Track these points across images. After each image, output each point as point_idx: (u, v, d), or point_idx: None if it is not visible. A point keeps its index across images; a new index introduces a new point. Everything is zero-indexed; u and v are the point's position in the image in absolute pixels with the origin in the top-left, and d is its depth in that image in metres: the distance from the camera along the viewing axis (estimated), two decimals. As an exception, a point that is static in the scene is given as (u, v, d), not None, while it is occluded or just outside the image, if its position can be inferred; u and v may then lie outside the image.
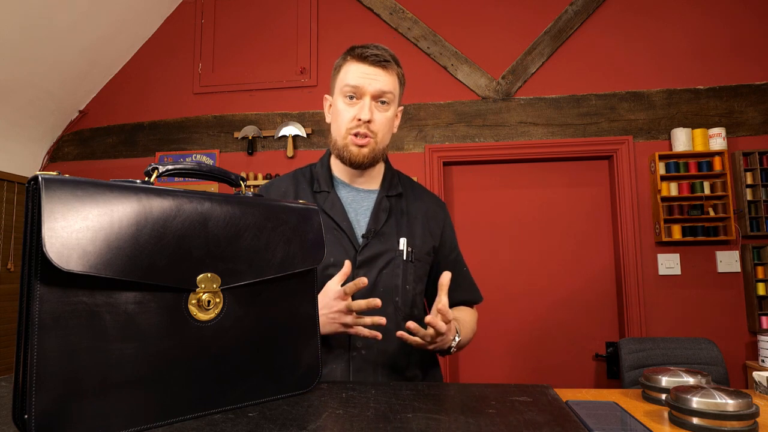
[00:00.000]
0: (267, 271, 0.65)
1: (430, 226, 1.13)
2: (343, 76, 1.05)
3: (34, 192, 0.49)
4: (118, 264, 0.51)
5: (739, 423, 0.67)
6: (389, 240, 1.06)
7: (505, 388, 0.73)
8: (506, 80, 3.02)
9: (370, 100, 1.03)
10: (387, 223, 1.07)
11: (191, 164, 0.65)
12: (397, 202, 1.12)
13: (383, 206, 1.09)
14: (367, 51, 1.03)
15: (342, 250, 1.03)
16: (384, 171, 1.15)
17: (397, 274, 1.04)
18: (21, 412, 0.47)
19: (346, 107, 1.04)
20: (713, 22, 2.89)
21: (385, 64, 1.03)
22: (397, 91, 1.07)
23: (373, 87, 1.02)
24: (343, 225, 1.05)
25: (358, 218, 1.08)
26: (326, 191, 1.09)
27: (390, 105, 1.06)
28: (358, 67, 1.03)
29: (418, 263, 1.08)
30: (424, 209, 1.15)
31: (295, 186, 1.12)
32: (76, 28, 2.96)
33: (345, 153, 1.05)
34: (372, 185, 1.13)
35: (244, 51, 3.31)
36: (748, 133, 2.79)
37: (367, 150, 1.04)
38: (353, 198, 1.11)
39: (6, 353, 2.98)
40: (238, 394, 0.62)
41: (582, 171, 3.02)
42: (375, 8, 3.17)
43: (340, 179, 1.13)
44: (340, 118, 1.05)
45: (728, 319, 2.71)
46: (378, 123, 1.04)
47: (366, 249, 1.04)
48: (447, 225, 1.18)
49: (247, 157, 3.21)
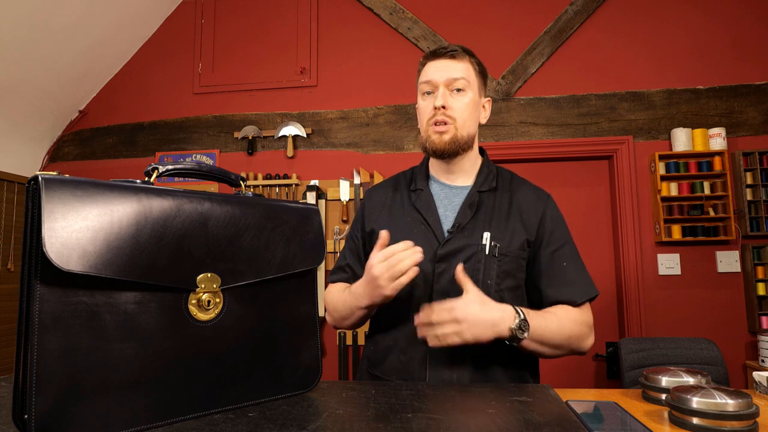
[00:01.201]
0: (267, 271, 0.65)
1: (525, 220, 1.08)
2: (420, 77, 1.11)
3: (34, 192, 0.49)
4: (118, 264, 0.51)
5: (739, 423, 0.67)
6: (474, 234, 1.04)
7: (505, 388, 0.73)
8: (506, 80, 3.02)
9: (444, 89, 1.06)
10: (474, 218, 1.07)
11: (191, 164, 0.65)
12: (490, 197, 1.10)
13: (472, 201, 1.08)
14: (438, 47, 1.09)
15: (426, 244, 1.02)
16: (480, 166, 1.15)
17: (478, 268, 1.02)
18: (21, 412, 0.47)
19: (424, 102, 1.10)
20: (713, 22, 2.89)
21: (453, 53, 1.07)
22: (472, 77, 1.08)
23: (443, 76, 1.06)
24: (430, 220, 1.07)
25: (447, 213, 1.09)
26: (420, 189, 1.13)
27: (466, 91, 1.07)
28: (430, 64, 1.09)
29: (505, 258, 1.03)
30: (519, 202, 1.10)
31: (393, 189, 1.18)
32: (76, 28, 2.96)
33: (428, 144, 1.08)
34: (466, 181, 1.13)
35: (244, 51, 3.31)
36: (748, 133, 2.79)
37: (448, 136, 1.06)
38: (446, 194, 1.12)
39: (6, 353, 2.98)
40: (238, 394, 0.62)
41: (582, 171, 3.02)
42: (375, 8, 3.17)
43: (434, 177, 1.16)
44: (421, 112, 1.11)
45: (728, 319, 2.71)
46: (455, 108, 1.06)
47: (448, 243, 1.04)
48: (548, 217, 1.10)
49: (247, 157, 3.21)
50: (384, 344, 1.06)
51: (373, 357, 1.08)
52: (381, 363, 1.05)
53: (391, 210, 1.14)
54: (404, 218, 1.10)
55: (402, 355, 1.01)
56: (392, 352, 1.04)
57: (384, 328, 1.08)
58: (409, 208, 1.12)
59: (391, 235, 1.04)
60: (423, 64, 1.12)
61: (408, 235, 1.06)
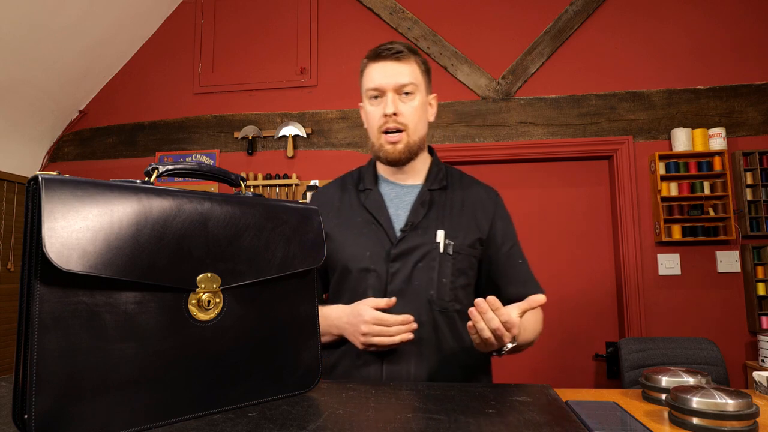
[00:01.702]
0: (267, 271, 0.65)
1: (477, 218, 1.09)
2: (365, 80, 1.08)
3: (34, 192, 0.49)
4: (118, 264, 0.51)
5: (739, 423, 0.67)
6: (427, 233, 1.04)
7: (505, 388, 0.73)
8: (506, 80, 3.02)
9: (393, 95, 1.04)
10: (427, 217, 1.06)
11: (191, 164, 0.65)
12: (441, 195, 1.10)
13: (424, 199, 1.08)
14: (380, 48, 1.06)
15: (378, 244, 1.03)
16: (430, 165, 1.14)
17: (432, 267, 1.02)
18: (21, 412, 0.47)
19: (372, 108, 1.07)
20: (713, 22, 2.89)
21: (399, 55, 1.04)
22: (419, 79, 1.07)
23: (392, 81, 1.04)
24: (380, 219, 1.06)
25: (398, 213, 1.08)
26: (369, 189, 1.11)
27: (414, 94, 1.06)
28: (375, 66, 1.06)
29: (459, 256, 1.04)
30: (471, 201, 1.11)
31: (341, 189, 1.16)
32: (76, 29, 2.96)
33: (381, 153, 1.07)
34: (416, 180, 1.12)
35: (244, 51, 3.31)
36: (748, 133, 2.79)
37: (402, 146, 1.05)
38: (396, 194, 1.11)
39: (6, 353, 2.98)
40: (238, 394, 0.62)
41: (582, 171, 3.02)
42: (375, 8, 3.17)
43: (383, 176, 1.14)
44: (370, 119, 1.08)
45: (728, 319, 2.71)
46: (406, 114, 1.04)
47: (402, 242, 1.03)
48: (498, 216, 1.11)
49: (247, 157, 3.21)
50: (337, 352, 1.04)
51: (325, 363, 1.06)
52: (334, 369, 1.05)
53: (340, 211, 1.12)
54: (354, 219, 1.09)
55: (357, 359, 1.00)
56: (346, 358, 1.02)
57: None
58: (358, 208, 1.10)
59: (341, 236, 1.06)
60: (366, 65, 1.09)
61: (359, 235, 1.06)
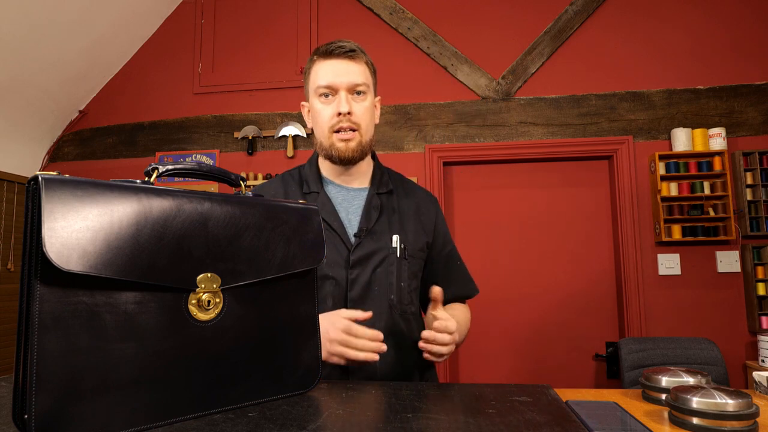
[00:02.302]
0: (267, 271, 0.65)
1: (423, 222, 1.11)
2: (314, 77, 1.06)
3: (34, 192, 0.49)
4: (118, 264, 0.51)
5: (739, 423, 0.67)
6: (382, 238, 1.04)
7: (505, 388, 0.73)
8: (506, 80, 3.02)
9: (346, 94, 1.03)
10: (379, 221, 1.06)
11: (191, 164, 0.65)
12: (388, 199, 1.10)
13: (374, 204, 1.07)
14: (332, 46, 1.04)
15: (335, 251, 1.01)
16: (373, 168, 1.14)
17: (391, 271, 1.03)
18: (21, 412, 0.47)
19: (323, 106, 1.05)
20: (713, 22, 2.89)
21: (352, 54, 1.03)
22: (369, 80, 1.06)
23: (345, 80, 1.02)
24: (334, 225, 1.03)
25: (349, 217, 1.07)
26: (315, 192, 1.08)
27: (366, 95, 1.05)
28: (325, 64, 1.04)
29: (412, 260, 1.07)
30: (416, 205, 1.13)
31: (284, 189, 1.11)
32: (76, 28, 2.96)
33: (333, 151, 1.05)
34: (362, 183, 1.12)
35: (244, 51, 3.31)
36: (748, 133, 2.79)
37: (354, 143, 1.04)
38: (344, 197, 1.09)
39: (6, 353, 2.98)
40: (238, 394, 0.62)
41: (582, 171, 3.02)
42: (375, 8, 3.17)
43: (328, 179, 1.11)
44: (320, 118, 1.05)
45: (728, 319, 2.71)
46: (359, 114, 1.03)
47: (359, 248, 1.02)
48: (439, 219, 1.16)
49: (247, 157, 3.21)
50: None
51: None
52: None
53: None
54: None
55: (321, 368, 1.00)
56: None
57: None
58: None
59: None
60: (315, 62, 1.06)
61: None
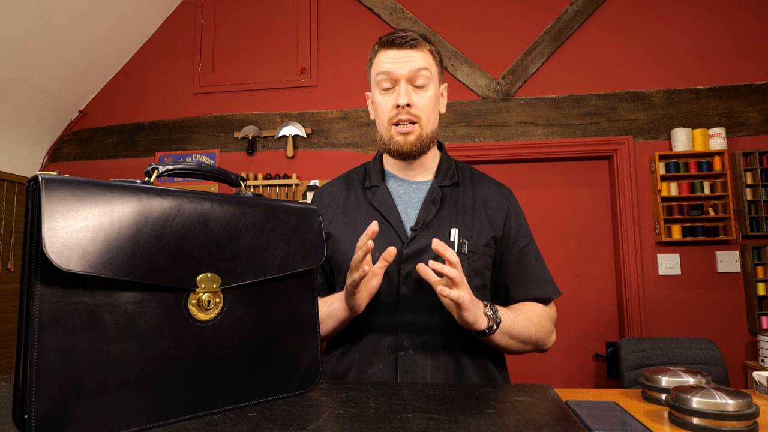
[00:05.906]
0: (267, 271, 0.65)
1: (491, 216, 1.04)
2: (375, 67, 1.02)
3: (34, 192, 0.49)
4: (118, 264, 0.51)
5: (739, 423, 0.67)
6: (440, 232, 0.98)
7: (505, 388, 0.73)
8: (506, 80, 3.02)
9: (406, 84, 0.98)
10: (439, 214, 1.01)
11: (191, 164, 0.65)
12: (452, 192, 1.05)
13: (435, 197, 1.02)
14: (393, 35, 1.00)
15: (389, 244, 0.95)
16: (439, 160, 1.09)
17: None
18: (21, 412, 0.47)
19: (383, 98, 1.01)
20: (713, 22, 2.89)
21: (414, 42, 0.98)
22: (433, 68, 1.01)
23: (405, 69, 0.98)
24: (390, 218, 1.00)
25: (408, 211, 1.03)
26: (376, 185, 1.05)
27: (428, 84, 1.00)
28: (386, 53, 1.00)
29: (474, 255, 0.99)
30: (484, 198, 1.06)
31: (346, 186, 1.10)
32: (76, 28, 2.96)
33: (391, 145, 1.01)
34: (426, 176, 1.07)
35: (244, 51, 3.31)
36: (748, 133, 2.79)
37: (413, 137, 0.99)
38: (405, 190, 1.05)
39: (6, 353, 2.98)
40: (238, 394, 0.62)
41: (582, 171, 3.02)
42: (375, 8, 3.17)
43: (391, 173, 1.08)
44: (380, 110, 1.02)
45: (728, 319, 2.71)
46: (419, 106, 0.99)
47: (413, 242, 0.97)
48: (512, 213, 1.06)
49: (247, 157, 3.21)
50: (347, 358, 0.98)
51: (334, 372, 1.00)
52: (344, 377, 0.98)
53: (347, 210, 1.06)
54: (361, 218, 1.03)
55: (369, 367, 0.95)
56: (356, 365, 0.96)
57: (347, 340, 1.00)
58: (365, 206, 1.04)
59: (349, 237, 1.01)
60: (377, 52, 1.02)
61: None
